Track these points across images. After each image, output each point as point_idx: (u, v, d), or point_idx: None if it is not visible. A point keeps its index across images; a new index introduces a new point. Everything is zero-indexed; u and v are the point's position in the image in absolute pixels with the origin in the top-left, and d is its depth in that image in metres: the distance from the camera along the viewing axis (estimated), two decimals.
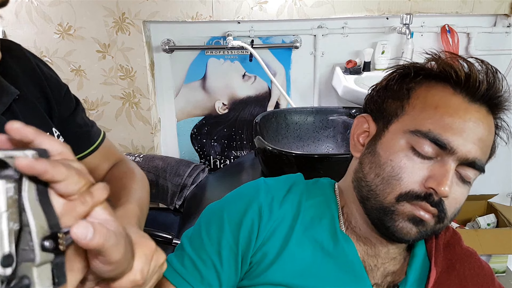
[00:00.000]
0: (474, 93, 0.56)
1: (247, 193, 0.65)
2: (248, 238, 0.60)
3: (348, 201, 0.65)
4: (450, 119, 0.55)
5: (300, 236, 0.61)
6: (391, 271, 0.63)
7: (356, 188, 0.62)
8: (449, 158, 0.54)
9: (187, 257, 0.61)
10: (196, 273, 0.59)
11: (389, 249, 0.63)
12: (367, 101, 0.66)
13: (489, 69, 0.57)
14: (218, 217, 0.63)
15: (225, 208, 0.64)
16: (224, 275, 0.60)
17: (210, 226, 0.62)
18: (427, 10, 1.56)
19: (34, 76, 0.69)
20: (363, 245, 0.63)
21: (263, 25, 1.62)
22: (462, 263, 0.65)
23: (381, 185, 0.57)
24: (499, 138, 0.61)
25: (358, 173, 0.62)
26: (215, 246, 0.60)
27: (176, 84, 1.71)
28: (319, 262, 0.60)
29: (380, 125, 0.62)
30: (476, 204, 1.76)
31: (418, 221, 0.56)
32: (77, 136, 0.76)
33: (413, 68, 0.61)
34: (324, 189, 0.68)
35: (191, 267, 0.60)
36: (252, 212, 0.61)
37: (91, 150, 0.78)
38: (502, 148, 0.61)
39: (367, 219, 0.61)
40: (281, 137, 1.38)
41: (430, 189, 0.54)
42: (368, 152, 0.61)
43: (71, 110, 0.75)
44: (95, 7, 1.49)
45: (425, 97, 0.58)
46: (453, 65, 0.57)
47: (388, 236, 0.59)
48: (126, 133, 1.68)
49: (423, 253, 0.65)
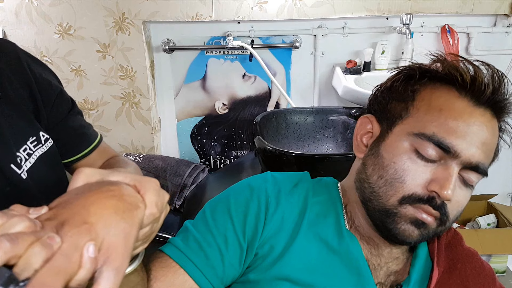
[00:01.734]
0: (479, 97, 0.56)
1: (254, 184, 0.64)
2: (255, 227, 0.60)
3: (351, 200, 0.65)
4: (455, 123, 0.54)
5: (306, 232, 0.61)
6: (394, 270, 0.63)
7: (359, 189, 0.62)
8: (453, 161, 0.54)
9: (192, 237, 0.59)
10: (201, 253, 0.58)
11: (392, 249, 0.63)
12: (371, 102, 0.66)
13: (495, 73, 0.56)
14: (224, 204, 0.62)
15: (232, 196, 0.63)
16: (228, 260, 0.59)
17: (216, 212, 0.62)
18: (427, 10, 1.56)
19: (23, 77, 0.67)
20: (366, 244, 0.63)
21: (263, 25, 1.62)
22: (463, 263, 0.65)
23: (384, 187, 0.57)
24: (503, 141, 0.61)
25: (361, 174, 0.62)
26: (221, 230, 0.59)
27: (176, 84, 1.71)
28: (324, 258, 0.60)
29: (384, 126, 0.62)
30: (476, 204, 1.76)
31: (420, 224, 0.56)
32: (73, 138, 0.75)
33: (418, 69, 0.61)
34: (329, 187, 0.68)
35: (196, 247, 0.58)
36: (259, 201, 0.61)
37: (87, 151, 0.77)
38: (502, 148, 0.61)
39: (369, 220, 0.61)
40: (281, 137, 1.38)
41: (433, 192, 0.54)
42: (372, 154, 0.61)
43: (64, 113, 0.74)
44: (95, 7, 1.49)
45: (429, 100, 0.58)
46: (459, 68, 0.57)
47: (389, 238, 0.59)
48: (126, 133, 1.68)
49: (425, 253, 0.65)
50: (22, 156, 0.63)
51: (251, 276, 0.60)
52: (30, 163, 0.64)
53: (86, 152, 0.77)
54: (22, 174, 0.62)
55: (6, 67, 0.65)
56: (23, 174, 0.63)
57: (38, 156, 0.66)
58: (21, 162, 0.63)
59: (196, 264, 0.57)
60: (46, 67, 0.74)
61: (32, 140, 0.65)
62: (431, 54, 0.61)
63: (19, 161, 0.62)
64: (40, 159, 0.66)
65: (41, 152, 0.67)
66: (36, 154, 0.66)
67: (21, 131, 0.64)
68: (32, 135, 0.66)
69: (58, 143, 0.72)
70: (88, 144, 0.78)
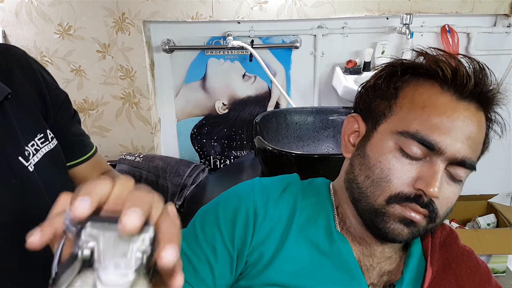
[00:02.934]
0: (462, 90, 0.55)
1: (242, 192, 0.64)
2: (244, 236, 0.60)
3: (342, 201, 0.65)
4: (438, 119, 0.54)
5: (296, 236, 0.61)
6: (387, 270, 0.63)
7: (348, 189, 0.62)
8: (438, 158, 0.54)
9: (181, 253, 0.60)
10: (190, 269, 0.59)
11: (384, 249, 0.63)
12: (357, 100, 0.66)
13: (475, 65, 0.56)
14: (213, 214, 0.63)
15: (220, 205, 0.63)
16: (218, 271, 0.59)
17: (205, 223, 0.62)
18: (427, 10, 1.56)
19: (33, 79, 0.70)
20: (358, 245, 0.63)
21: (263, 25, 1.62)
22: (458, 262, 0.65)
23: (371, 187, 0.57)
24: (493, 132, 0.60)
25: (349, 174, 0.62)
26: (210, 242, 0.60)
27: (176, 84, 1.71)
28: (315, 262, 0.60)
29: (369, 125, 0.62)
30: (476, 204, 1.76)
31: (409, 223, 0.55)
32: (72, 144, 0.78)
33: (400, 66, 0.60)
34: (319, 189, 0.68)
35: (186, 263, 0.59)
36: (247, 210, 0.61)
37: (84, 159, 0.80)
38: (502, 148, 0.61)
39: (360, 220, 0.61)
40: (281, 137, 1.38)
41: (419, 190, 0.54)
42: (358, 154, 0.61)
43: (69, 117, 0.77)
44: (95, 7, 1.49)
45: (412, 97, 0.57)
46: (440, 63, 0.56)
47: (380, 236, 0.59)
48: (126, 133, 1.68)
49: (419, 252, 0.65)
50: (30, 151, 0.66)
51: (241, 283, 0.60)
52: (38, 158, 0.67)
53: (82, 160, 0.80)
54: (29, 167, 0.65)
55: (17, 69, 0.68)
56: (30, 167, 0.65)
57: (44, 152, 0.68)
58: (29, 156, 0.65)
59: (186, 280, 0.58)
60: (51, 75, 0.77)
61: (40, 137, 0.68)
62: (412, 50, 0.60)
63: (27, 154, 0.65)
64: (46, 155, 0.69)
65: (48, 149, 0.69)
66: (43, 150, 0.68)
67: (30, 128, 0.67)
68: (40, 132, 0.69)
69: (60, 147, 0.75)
70: (85, 152, 0.81)
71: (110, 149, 1.69)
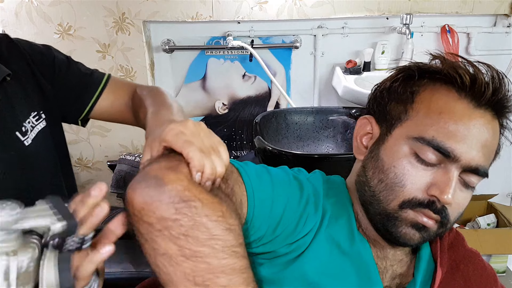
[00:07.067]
0: (480, 98, 0.55)
1: (309, 189, 0.62)
2: (305, 222, 0.58)
3: (355, 202, 0.65)
4: (454, 126, 0.54)
5: (323, 234, 0.60)
6: (398, 273, 0.63)
7: (359, 191, 0.62)
8: (452, 165, 0.54)
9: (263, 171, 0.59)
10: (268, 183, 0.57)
11: (396, 251, 0.63)
12: (370, 102, 0.65)
13: (494, 74, 0.55)
14: (296, 190, 0.60)
15: (304, 183, 0.61)
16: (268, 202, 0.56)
17: (289, 189, 0.59)
18: (427, 10, 1.56)
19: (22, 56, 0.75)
20: (373, 247, 0.62)
21: (263, 25, 1.62)
22: (466, 263, 0.65)
23: (385, 192, 0.56)
24: (504, 137, 0.60)
25: (361, 176, 0.61)
26: (287, 196, 0.58)
27: (176, 84, 1.71)
28: (336, 261, 0.59)
29: (383, 128, 0.61)
30: (476, 204, 1.76)
31: (421, 227, 0.55)
32: (79, 87, 0.81)
33: (417, 70, 0.59)
34: (340, 188, 0.67)
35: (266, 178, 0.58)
36: (316, 199, 0.60)
37: (98, 94, 0.83)
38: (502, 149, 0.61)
39: (369, 222, 0.61)
40: (281, 137, 1.38)
41: (433, 196, 0.54)
42: (371, 157, 0.60)
43: (65, 65, 0.81)
44: (95, 7, 1.49)
45: (429, 102, 0.57)
46: (458, 70, 0.56)
47: (391, 240, 0.59)
48: (126, 133, 1.68)
49: (428, 254, 0.64)
50: (28, 127, 0.72)
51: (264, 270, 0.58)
52: (34, 134, 0.73)
53: (97, 95, 0.82)
54: (25, 141, 0.71)
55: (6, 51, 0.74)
56: (26, 141, 0.71)
57: (39, 129, 0.75)
58: (26, 132, 0.71)
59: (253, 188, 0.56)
60: (31, 42, 0.81)
61: (34, 115, 0.74)
62: (430, 54, 0.60)
63: (23, 130, 0.71)
64: (41, 132, 0.75)
65: (42, 126, 0.75)
66: (37, 127, 0.74)
67: (27, 106, 0.73)
68: (34, 110, 0.74)
69: (70, 97, 0.80)
70: (95, 88, 0.83)
71: (110, 149, 1.69)
